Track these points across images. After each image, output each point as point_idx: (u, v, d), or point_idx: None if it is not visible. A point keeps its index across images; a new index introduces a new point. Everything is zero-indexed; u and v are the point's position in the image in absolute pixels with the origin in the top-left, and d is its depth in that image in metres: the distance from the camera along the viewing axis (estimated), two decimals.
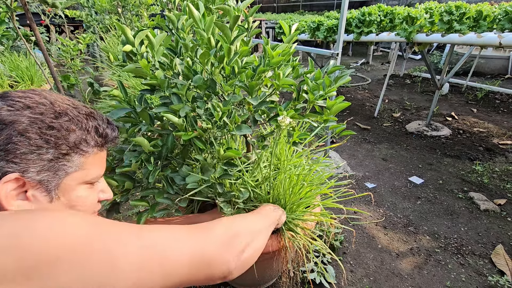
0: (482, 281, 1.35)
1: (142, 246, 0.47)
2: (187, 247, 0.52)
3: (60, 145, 0.50)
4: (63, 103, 0.53)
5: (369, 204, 1.92)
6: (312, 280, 1.33)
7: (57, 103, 0.52)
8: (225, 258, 0.56)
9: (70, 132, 0.52)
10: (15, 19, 1.54)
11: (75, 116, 0.54)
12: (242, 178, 0.97)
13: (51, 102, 0.51)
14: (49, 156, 0.49)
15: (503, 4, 2.09)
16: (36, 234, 0.39)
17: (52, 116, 0.50)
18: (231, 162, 0.86)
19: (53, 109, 0.51)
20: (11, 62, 2.65)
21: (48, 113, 0.50)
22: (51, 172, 0.50)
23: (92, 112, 0.58)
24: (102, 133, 0.57)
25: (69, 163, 0.52)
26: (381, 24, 2.86)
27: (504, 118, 3.17)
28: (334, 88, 0.85)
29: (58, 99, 0.53)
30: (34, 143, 0.47)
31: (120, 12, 3.12)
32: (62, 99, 0.54)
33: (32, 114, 0.48)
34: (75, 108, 0.55)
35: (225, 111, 0.78)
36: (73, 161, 0.53)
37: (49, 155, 0.49)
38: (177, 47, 0.84)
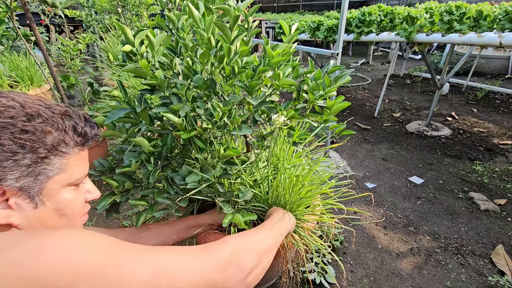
0: (482, 281, 1.35)
1: (154, 270, 0.47)
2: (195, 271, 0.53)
3: (37, 149, 0.48)
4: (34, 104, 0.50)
5: (369, 204, 1.92)
6: (312, 280, 1.33)
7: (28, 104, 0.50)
8: (230, 283, 0.57)
9: (46, 134, 0.49)
10: (15, 19, 1.54)
11: (50, 116, 0.51)
12: (241, 177, 0.97)
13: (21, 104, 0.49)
14: (27, 161, 0.47)
15: (503, 4, 2.09)
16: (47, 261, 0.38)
17: (24, 119, 0.48)
18: (231, 161, 0.86)
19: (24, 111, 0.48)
20: (11, 62, 2.65)
21: (19, 116, 0.47)
22: (31, 177, 0.48)
23: (67, 111, 0.55)
24: (81, 132, 0.55)
25: (49, 166, 0.50)
26: (381, 24, 2.86)
27: (504, 118, 3.17)
28: (334, 88, 0.85)
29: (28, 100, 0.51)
30: (8, 149, 0.45)
31: (120, 12, 3.11)
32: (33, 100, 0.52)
33: (1, 118, 0.46)
34: (48, 108, 0.52)
35: (225, 111, 0.78)
36: (53, 164, 0.51)
37: (26, 160, 0.47)
38: (177, 47, 0.84)
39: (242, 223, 0.82)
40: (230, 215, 0.84)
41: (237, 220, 0.83)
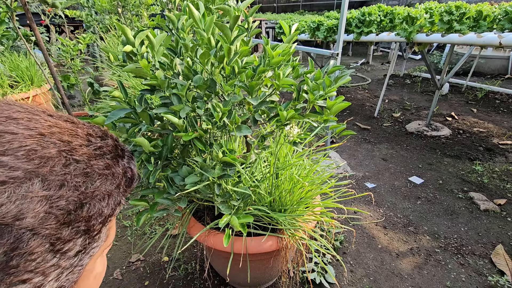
0: (482, 281, 1.35)
1: None
2: None
3: (93, 226, 0.32)
4: (74, 139, 0.32)
5: (369, 204, 1.92)
6: (312, 280, 1.33)
7: (74, 144, 0.31)
8: None
9: (107, 199, 0.33)
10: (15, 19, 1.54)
11: (106, 165, 0.34)
12: (241, 178, 0.97)
13: (58, 148, 0.30)
14: (77, 248, 0.31)
15: (503, 4, 2.09)
16: None
17: (80, 181, 0.30)
18: (230, 163, 0.86)
19: (76, 164, 0.30)
20: (11, 62, 2.65)
21: (73, 176, 0.30)
22: (73, 267, 0.31)
23: (117, 144, 0.38)
24: (131, 176, 0.38)
25: (97, 243, 0.34)
26: (381, 24, 2.86)
27: (504, 118, 3.17)
28: (334, 88, 0.85)
29: (60, 128, 0.32)
30: (55, 239, 0.28)
31: (120, 12, 3.12)
32: (61, 125, 0.32)
33: (44, 186, 0.27)
34: (95, 144, 0.34)
35: (225, 111, 0.78)
36: (101, 238, 0.35)
37: (77, 248, 0.31)
38: (177, 47, 0.84)
39: (237, 225, 0.82)
40: (227, 216, 0.84)
41: (233, 222, 0.83)
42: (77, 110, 3.51)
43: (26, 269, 0.27)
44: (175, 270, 1.42)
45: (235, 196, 0.90)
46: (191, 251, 1.54)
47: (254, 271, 1.20)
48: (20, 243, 0.26)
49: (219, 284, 1.33)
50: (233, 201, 0.89)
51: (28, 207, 0.26)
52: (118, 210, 0.36)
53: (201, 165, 0.84)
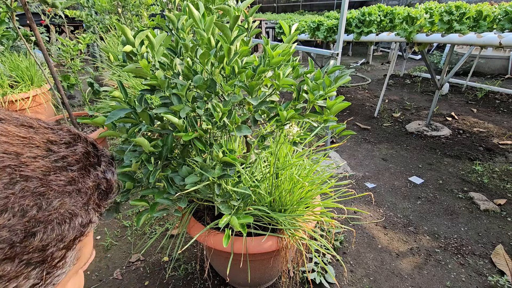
0: (482, 281, 1.35)
1: None
2: None
3: (52, 255, 0.26)
4: (30, 147, 0.26)
5: (369, 204, 1.92)
6: (312, 280, 1.33)
7: (25, 157, 0.26)
8: None
9: (69, 221, 0.27)
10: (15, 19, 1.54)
11: (69, 180, 0.28)
12: (242, 178, 0.97)
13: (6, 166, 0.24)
14: (32, 282, 0.26)
15: (503, 4, 2.09)
16: None
17: (29, 203, 0.24)
18: (230, 163, 0.86)
19: (24, 183, 0.25)
20: (11, 62, 2.65)
21: (19, 199, 0.24)
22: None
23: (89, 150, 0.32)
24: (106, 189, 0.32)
25: (61, 270, 0.29)
26: (381, 24, 2.86)
27: (504, 118, 3.17)
28: (334, 88, 0.85)
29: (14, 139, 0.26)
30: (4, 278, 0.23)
31: (120, 12, 3.12)
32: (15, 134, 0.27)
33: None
34: (57, 154, 0.28)
35: (225, 111, 0.78)
36: (67, 263, 0.29)
37: (29, 282, 0.25)
38: (177, 47, 0.84)
39: (237, 225, 0.82)
40: (227, 217, 0.84)
41: (233, 222, 0.83)
42: (77, 110, 3.51)
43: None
44: (175, 270, 1.42)
45: (235, 196, 0.90)
46: (191, 251, 1.54)
47: (254, 271, 1.20)
48: None
49: (219, 284, 1.33)
50: (233, 201, 0.89)
51: None
52: (89, 229, 0.30)
53: (201, 165, 0.84)
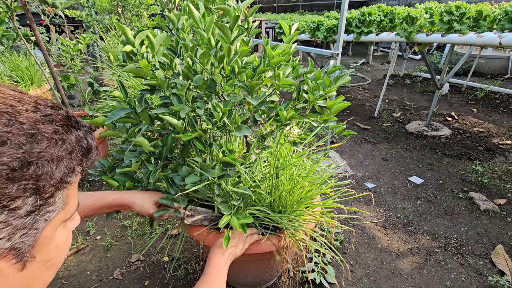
0: (482, 281, 1.35)
1: None
2: None
3: (43, 187, 0.32)
4: (22, 109, 0.33)
5: (369, 204, 1.92)
6: (312, 280, 1.33)
7: (17, 110, 0.32)
8: None
9: (58, 163, 0.34)
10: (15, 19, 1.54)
11: (54, 131, 0.34)
12: (242, 178, 0.97)
13: (9, 113, 0.31)
14: (28, 208, 0.31)
15: (503, 4, 2.09)
16: None
17: (22, 141, 0.31)
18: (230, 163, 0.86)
19: (20, 126, 0.31)
20: (11, 62, 2.65)
21: (14, 137, 0.30)
22: (27, 229, 0.32)
23: (70, 115, 0.38)
24: (87, 147, 0.38)
25: (52, 207, 0.34)
26: (381, 24, 2.86)
27: (504, 118, 3.17)
28: (334, 88, 0.85)
29: (13, 102, 0.33)
30: (1, 195, 0.29)
31: (120, 12, 3.12)
32: (11, 97, 0.34)
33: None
34: (44, 113, 0.35)
35: (225, 111, 0.78)
36: (56, 203, 0.35)
37: (27, 207, 0.31)
38: (177, 47, 0.84)
39: (237, 225, 0.82)
40: (227, 217, 0.84)
41: (233, 222, 0.83)
42: (77, 110, 3.51)
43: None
44: (175, 270, 1.42)
45: (235, 196, 0.90)
46: (191, 251, 1.54)
47: (254, 271, 1.20)
48: None
49: None
50: (233, 201, 0.89)
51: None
52: (74, 179, 0.36)
53: (201, 165, 0.84)
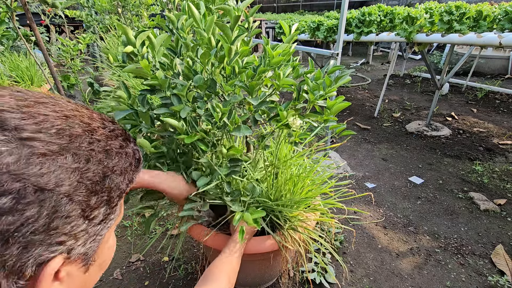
0: (482, 281, 1.35)
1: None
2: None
3: (112, 198, 0.36)
4: (93, 120, 0.36)
5: (369, 204, 1.92)
6: (312, 280, 1.33)
7: (93, 126, 0.35)
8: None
9: (124, 175, 0.37)
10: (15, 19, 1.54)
11: (120, 145, 0.38)
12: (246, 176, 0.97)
13: (87, 130, 0.34)
14: (101, 217, 0.35)
15: (503, 4, 2.09)
16: None
17: (102, 156, 0.34)
18: (236, 159, 0.87)
19: (97, 142, 0.34)
20: (11, 62, 2.65)
21: (97, 153, 0.34)
22: (96, 235, 0.35)
23: (123, 130, 0.41)
24: (139, 158, 0.42)
25: (114, 215, 0.38)
26: (381, 24, 2.86)
27: (504, 118, 3.17)
28: (334, 88, 0.85)
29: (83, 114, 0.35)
30: (85, 206, 0.32)
31: (120, 12, 3.12)
32: (82, 111, 0.36)
33: (75, 159, 0.31)
34: (108, 127, 0.38)
35: (225, 111, 0.78)
36: (116, 210, 0.39)
37: (100, 217, 0.35)
38: (178, 47, 0.84)
39: (251, 220, 0.83)
40: (239, 214, 0.85)
41: (246, 218, 0.84)
42: None
43: (63, 231, 0.31)
44: (175, 270, 1.42)
45: (245, 192, 0.91)
46: (191, 251, 1.54)
47: (254, 271, 1.20)
48: (59, 207, 0.30)
49: None
50: (243, 197, 0.89)
51: (64, 176, 0.30)
52: (129, 188, 0.40)
53: (208, 165, 0.84)
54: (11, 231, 0.27)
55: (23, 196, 0.27)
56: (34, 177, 0.28)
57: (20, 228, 0.27)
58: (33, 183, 0.27)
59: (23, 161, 0.27)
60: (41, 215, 0.28)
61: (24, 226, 0.27)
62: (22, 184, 0.27)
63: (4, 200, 0.26)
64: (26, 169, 0.27)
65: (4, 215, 0.26)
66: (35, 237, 0.28)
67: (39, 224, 0.28)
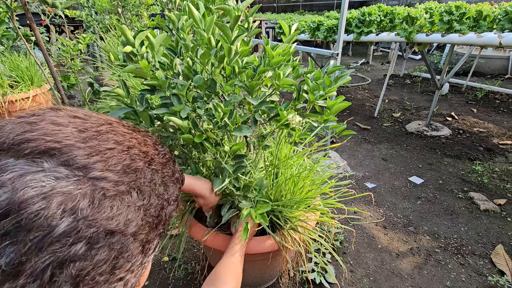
0: (482, 281, 1.35)
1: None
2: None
3: (164, 229, 0.36)
4: (149, 147, 0.36)
5: (369, 204, 1.92)
6: (312, 280, 1.33)
7: (150, 154, 0.35)
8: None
9: (175, 202, 0.38)
10: (15, 19, 1.54)
11: (173, 171, 0.38)
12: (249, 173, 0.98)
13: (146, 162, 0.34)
14: (153, 248, 0.35)
15: (503, 4, 2.09)
16: None
17: (162, 190, 0.34)
18: (240, 155, 0.87)
19: (155, 173, 0.35)
20: (11, 62, 2.65)
21: (157, 185, 0.34)
22: (145, 263, 0.35)
23: (168, 149, 0.41)
24: (183, 179, 0.42)
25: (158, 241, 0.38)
26: (381, 24, 2.86)
27: (504, 118, 3.17)
28: (334, 88, 0.85)
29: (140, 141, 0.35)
30: (145, 242, 0.33)
31: (120, 12, 3.12)
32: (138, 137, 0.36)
33: (139, 196, 0.32)
34: (159, 150, 0.38)
35: (226, 111, 0.78)
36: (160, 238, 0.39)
37: (153, 248, 0.35)
38: (177, 47, 0.84)
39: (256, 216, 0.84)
40: (247, 209, 0.86)
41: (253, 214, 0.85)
42: None
43: (125, 269, 0.30)
44: (175, 270, 1.42)
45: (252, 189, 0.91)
46: (191, 251, 1.54)
47: (254, 271, 1.20)
48: (125, 247, 0.29)
49: None
50: (250, 194, 0.90)
51: (131, 216, 0.30)
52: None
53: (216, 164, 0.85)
54: (82, 275, 0.27)
55: (96, 241, 0.27)
56: (105, 220, 0.28)
57: (90, 272, 0.27)
58: (104, 227, 0.27)
59: (96, 205, 0.27)
60: (110, 258, 0.28)
61: (94, 270, 0.27)
62: (95, 230, 0.27)
63: (79, 246, 0.26)
64: (98, 214, 0.27)
65: (78, 261, 0.26)
66: (101, 278, 0.28)
67: (106, 265, 0.28)
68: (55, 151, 0.27)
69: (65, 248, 0.25)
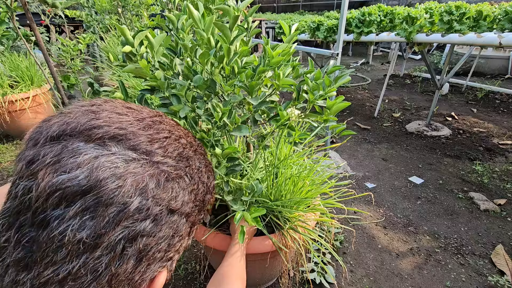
0: (482, 281, 1.35)
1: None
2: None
3: (204, 212, 0.39)
4: (190, 137, 0.39)
5: (369, 204, 1.92)
6: (312, 280, 1.33)
7: (194, 144, 0.38)
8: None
9: (213, 191, 0.41)
10: (15, 19, 1.54)
11: (209, 162, 0.41)
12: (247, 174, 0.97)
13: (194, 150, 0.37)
14: (194, 231, 0.39)
15: (503, 4, 2.09)
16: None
17: (206, 174, 0.38)
18: (233, 158, 0.87)
19: (204, 162, 0.38)
20: (11, 62, 2.65)
21: (203, 168, 0.37)
22: (186, 247, 0.39)
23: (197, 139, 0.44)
24: (213, 169, 0.46)
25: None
26: (381, 24, 2.86)
27: (504, 118, 3.17)
28: (334, 88, 0.85)
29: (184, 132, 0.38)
30: (192, 224, 0.36)
31: (120, 12, 3.12)
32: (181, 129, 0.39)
33: (191, 181, 0.34)
34: (197, 142, 0.41)
35: (225, 111, 0.78)
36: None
37: (194, 232, 0.39)
38: (177, 47, 0.84)
39: (250, 220, 0.83)
40: (240, 213, 0.85)
41: (246, 217, 0.84)
42: None
43: (175, 248, 0.34)
44: (175, 270, 1.42)
45: (246, 192, 0.91)
46: (191, 251, 1.54)
47: (254, 271, 1.20)
48: (180, 227, 0.33)
49: None
50: (244, 197, 0.89)
51: (187, 198, 0.33)
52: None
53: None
54: (146, 251, 0.29)
55: (160, 218, 0.30)
56: (168, 201, 0.30)
57: (152, 248, 0.30)
58: (167, 206, 0.30)
59: (161, 186, 0.30)
60: (168, 236, 0.31)
61: (155, 246, 0.30)
62: (160, 208, 0.29)
63: (147, 222, 0.28)
64: (163, 194, 0.30)
65: (145, 236, 0.28)
66: (158, 255, 0.31)
67: (164, 243, 0.31)
68: (122, 137, 0.30)
69: (137, 223, 0.28)
